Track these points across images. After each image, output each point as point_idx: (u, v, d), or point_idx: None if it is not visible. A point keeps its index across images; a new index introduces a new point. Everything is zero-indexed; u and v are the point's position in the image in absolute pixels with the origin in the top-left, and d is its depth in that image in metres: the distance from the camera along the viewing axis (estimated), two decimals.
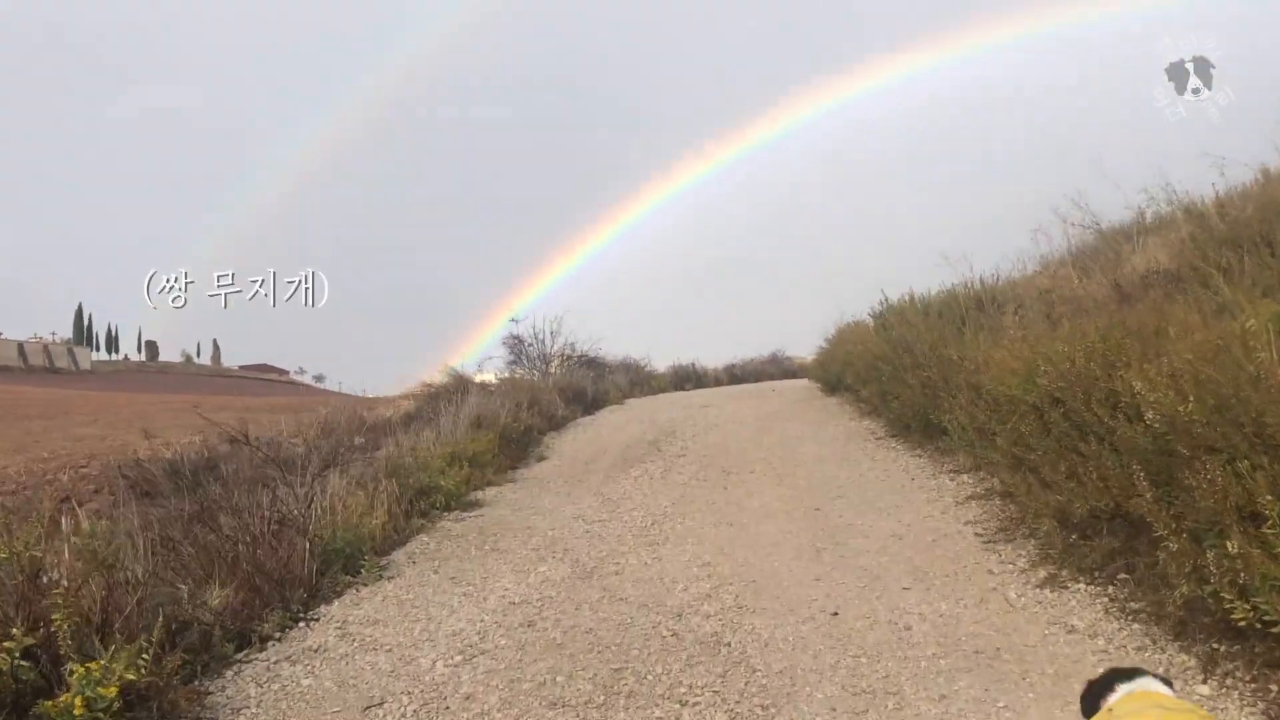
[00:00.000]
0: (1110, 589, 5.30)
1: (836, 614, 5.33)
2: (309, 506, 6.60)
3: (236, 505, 6.56)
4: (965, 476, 8.62)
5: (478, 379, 19.67)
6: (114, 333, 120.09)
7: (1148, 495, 4.63)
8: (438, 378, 19.60)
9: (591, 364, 24.43)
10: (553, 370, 23.24)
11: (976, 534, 6.67)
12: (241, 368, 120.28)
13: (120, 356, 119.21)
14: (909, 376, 10.70)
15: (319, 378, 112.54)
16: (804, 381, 22.75)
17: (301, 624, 5.69)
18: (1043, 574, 5.65)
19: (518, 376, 21.03)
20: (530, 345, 23.76)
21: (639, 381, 23.89)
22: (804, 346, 31.31)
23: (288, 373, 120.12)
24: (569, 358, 23.95)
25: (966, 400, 8.90)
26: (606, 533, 7.68)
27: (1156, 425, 4.89)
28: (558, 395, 15.82)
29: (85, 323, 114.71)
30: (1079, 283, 12.93)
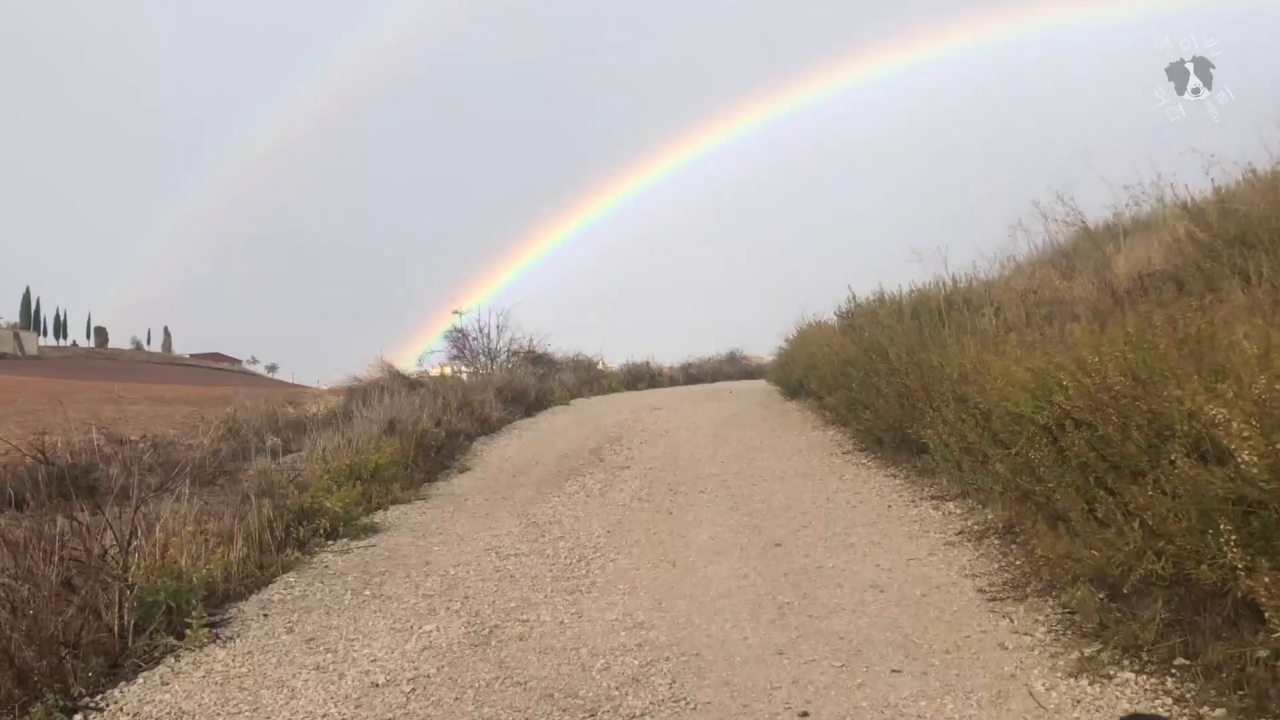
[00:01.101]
0: (1168, 680, 3.90)
1: (806, 716, 3.86)
2: (129, 543, 4.98)
3: (19, 540, 4.91)
4: (951, 505, 7.24)
5: (416, 374, 18.06)
6: (63, 318, 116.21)
7: (1263, 574, 3.22)
8: (373, 372, 17.98)
9: (539, 361, 22.88)
10: (497, 367, 21.67)
11: (978, 589, 5.25)
12: (193, 356, 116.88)
13: (69, 342, 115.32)
14: (882, 384, 9.32)
15: (271, 368, 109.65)
16: (762, 383, 21.37)
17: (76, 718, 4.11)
18: (1075, 655, 4.23)
19: (456, 373, 19.43)
20: (475, 339, 22.15)
21: (589, 380, 22.36)
22: (762, 345, 30.06)
23: (240, 362, 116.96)
24: (515, 354, 22.36)
25: (953, 414, 7.54)
26: (522, 572, 6.16)
27: (1255, 470, 3.48)
28: (494, 395, 14.24)
29: (33, 307, 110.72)
30: (1060, 283, 11.65)
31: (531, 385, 16.63)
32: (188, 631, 4.74)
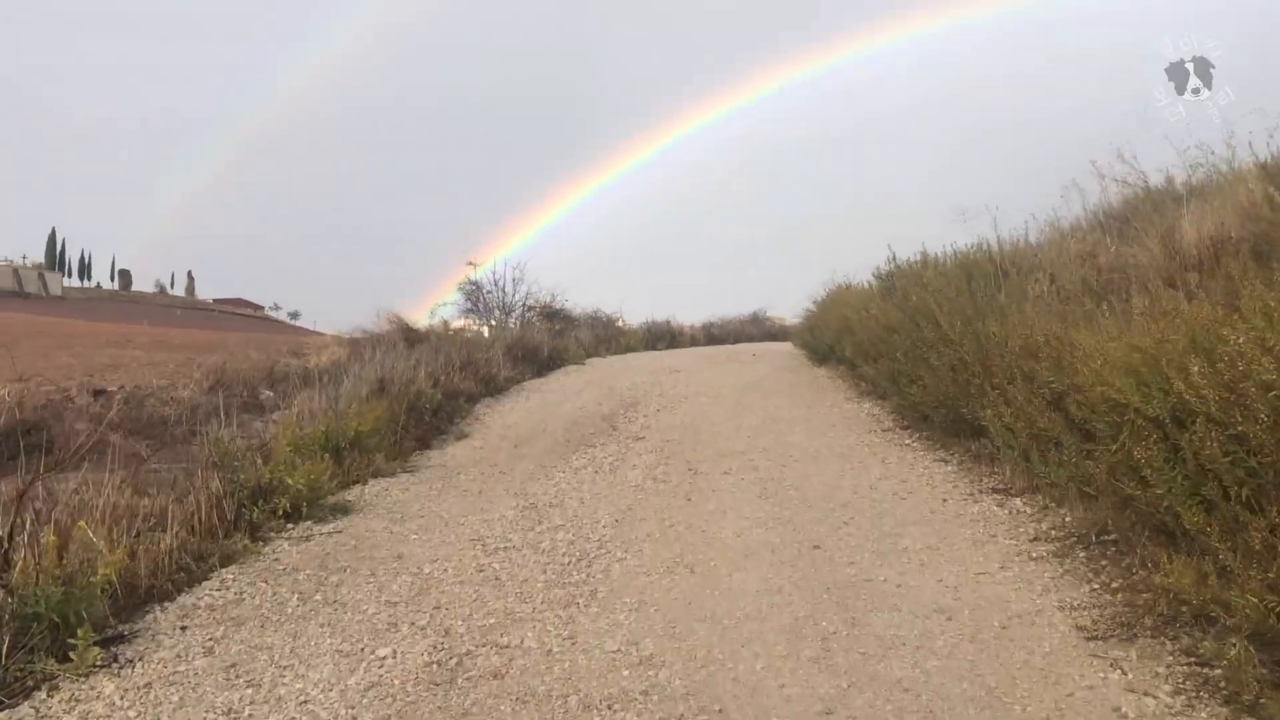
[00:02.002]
0: None
1: None
2: (10, 535, 3.94)
3: None
4: (1018, 501, 6.12)
5: (428, 328, 17.02)
6: (87, 260, 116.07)
7: None
8: (381, 325, 16.95)
9: (555, 317, 21.78)
10: (512, 322, 20.58)
11: (1075, 624, 4.13)
12: (215, 301, 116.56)
13: (93, 284, 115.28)
14: (932, 355, 8.17)
15: (294, 315, 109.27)
16: (787, 346, 20.19)
17: None
18: None
19: (467, 328, 18.38)
20: (490, 293, 21.04)
21: (606, 339, 21.22)
22: (785, 307, 28.82)
23: (262, 308, 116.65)
24: (531, 309, 21.25)
25: (1022, 395, 6.41)
26: (509, 573, 5.10)
27: None
28: (502, 353, 13.14)
29: (58, 248, 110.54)
30: (1114, 249, 10.36)
31: (545, 343, 15.51)
32: (73, 654, 3.71)
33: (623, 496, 6.82)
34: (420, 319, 17.92)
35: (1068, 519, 5.61)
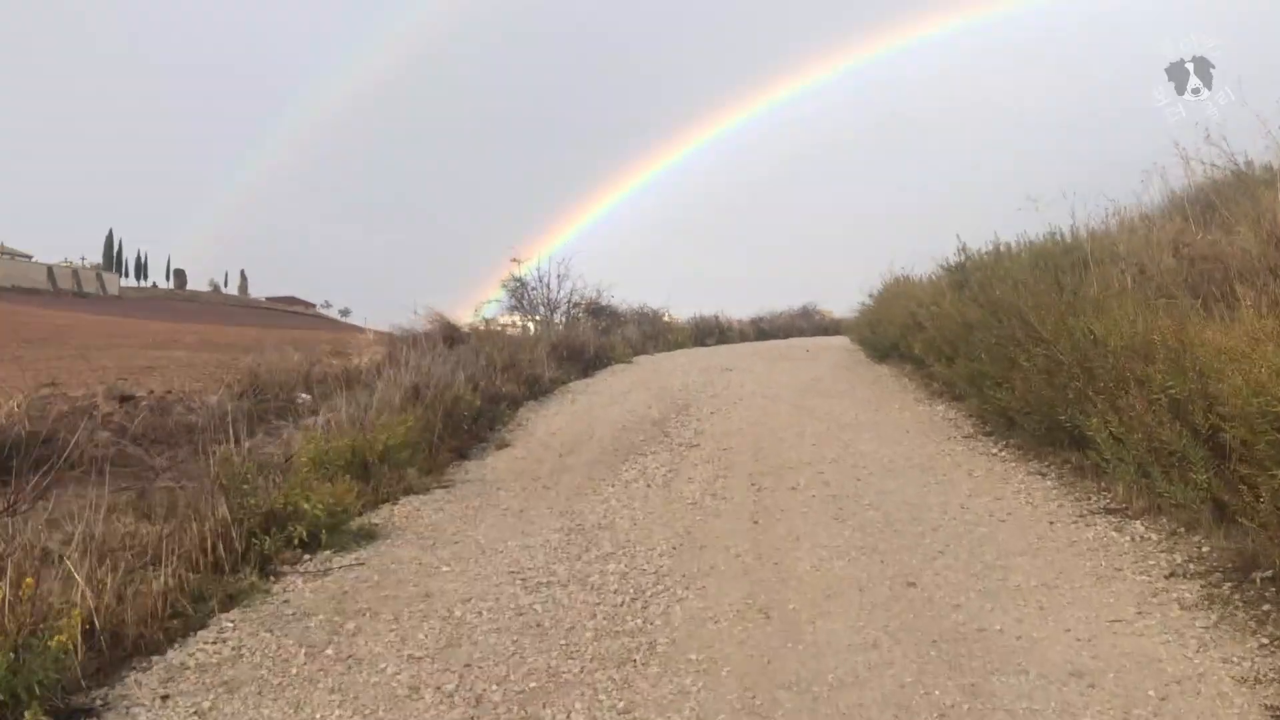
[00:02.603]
0: None
1: None
2: None
3: None
4: (1139, 525, 5.26)
5: (473, 325, 16.40)
6: (143, 260, 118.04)
7: None
8: (422, 323, 16.36)
9: (601, 313, 21.06)
10: (558, 319, 19.91)
11: (1263, 703, 3.26)
12: (268, 299, 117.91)
13: (149, 284, 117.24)
14: (1021, 356, 7.28)
15: (344, 312, 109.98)
16: (841, 340, 19.25)
17: None
18: None
19: (510, 325, 17.72)
20: (535, 290, 20.37)
21: (653, 335, 20.44)
22: (836, 301, 27.82)
23: (314, 305, 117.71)
24: (576, 305, 20.55)
25: (1140, 403, 5.56)
26: (553, 617, 4.35)
27: None
28: (546, 352, 12.43)
29: (115, 249, 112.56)
30: (1201, 236, 9.33)
31: (590, 340, 14.77)
32: None
33: (679, 517, 6.05)
34: (465, 317, 17.37)
35: (1205, 548, 4.75)
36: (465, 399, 8.43)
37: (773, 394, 11.29)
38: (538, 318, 20.07)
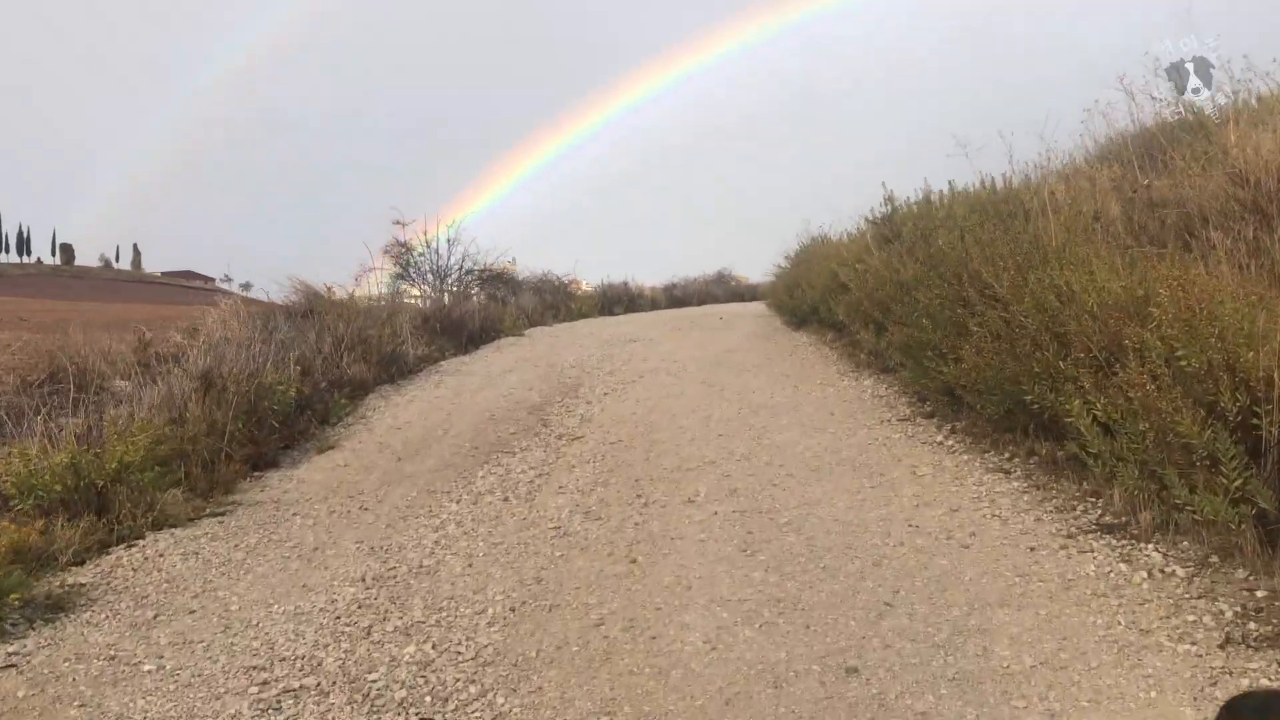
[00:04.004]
0: None
1: None
2: None
3: None
4: (1151, 551, 3.82)
5: (352, 295, 14.38)
6: (25, 234, 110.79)
7: None
8: (291, 295, 14.28)
9: (497, 281, 19.17)
10: (449, 289, 17.96)
11: None
12: (164, 274, 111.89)
13: (33, 260, 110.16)
14: (971, 320, 5.83)
15: (245, 286, 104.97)
16: (757, 307, 17.76)
17: None
18: None
19: (397, 296, 15.73)
20: (421, 256, 18.34)
21: (555, 305, 18.63)
22: (752, 267, 26.42)
23: (213, 280, 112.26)
24: (469, 273, 18.61)
25: (1136, 378, 4.14)
26: None
27: None
28: (410, 326, 10.52)
29: None
30: (1150, 181, 8.04)
31: (474, 311, 12.89)
32: None
33: (534, 552, 4.39)
34: (351, 289, 15.32)
35: (1259, 591, 3.31)
36: (277, 389, 6.57)
37: (678, 369, 9.68)
38: (425, 288, 18.11)
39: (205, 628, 3.64)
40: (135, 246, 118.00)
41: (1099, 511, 4.32)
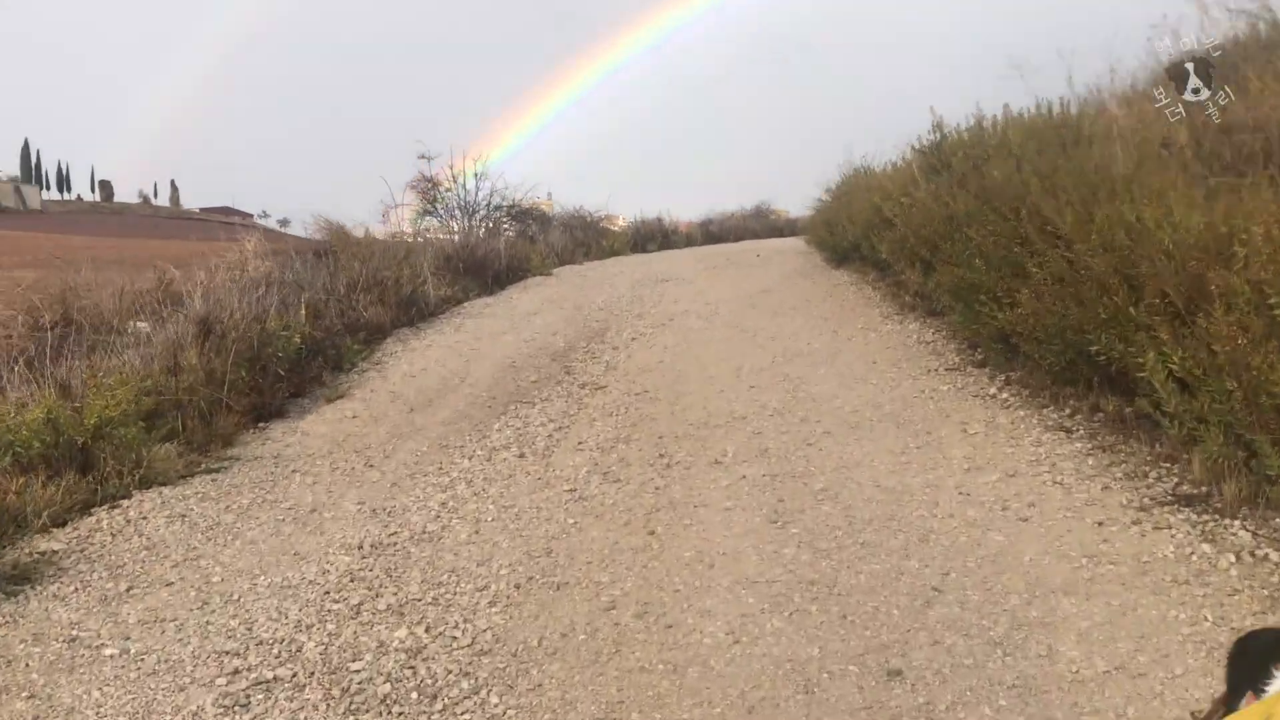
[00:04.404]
0: None
1: None
2: None
3: None
4: (1239, 528, 3.39)
5: (378, 232, 14.02)
6: (65, 171, 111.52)
7: None
8: (316, 232, 13.96)
9: (526, 218, 18.69)
10: (476, 225, 17.52)
11: None
12: (202, 210, 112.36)
13: (73, 196, 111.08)
14: (1030, 261, 5.32)
15: (283, 221, 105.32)
16: (796, 242, 17.11)
17: None
18: None
19: (424, 233, 15.37)
20: (449, 192, 17.87)
21: (586, 242, 18.11)
22: (792, 199, 25.62)
23: (251, 216, 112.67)
24: (498, 209, 18.13)
25: (1222, 329, 3.69)
26: None
27: None
28: (431, 266, 10.11)
29: (33, 160, 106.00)
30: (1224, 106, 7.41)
31: (500, 251, 12.45)
32: None
33: (546, 518, 4.04)
34: (379, 226, 14.94)
35: None
36: (281, 335, 6.23)
37: (710, 312, 9.23)
38: (453, 224, 17.69)
39: (181, 603, 3.34)
40: (173, 183, 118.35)
41: (1175, 480, 3.86)
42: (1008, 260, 5.61)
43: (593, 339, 8.19)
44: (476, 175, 17.45)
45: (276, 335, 6.13)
